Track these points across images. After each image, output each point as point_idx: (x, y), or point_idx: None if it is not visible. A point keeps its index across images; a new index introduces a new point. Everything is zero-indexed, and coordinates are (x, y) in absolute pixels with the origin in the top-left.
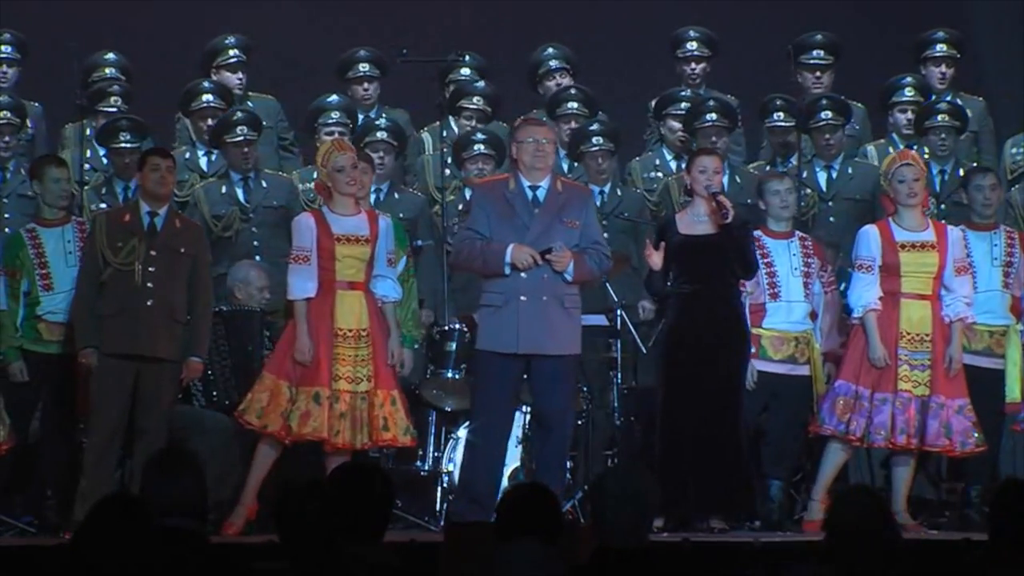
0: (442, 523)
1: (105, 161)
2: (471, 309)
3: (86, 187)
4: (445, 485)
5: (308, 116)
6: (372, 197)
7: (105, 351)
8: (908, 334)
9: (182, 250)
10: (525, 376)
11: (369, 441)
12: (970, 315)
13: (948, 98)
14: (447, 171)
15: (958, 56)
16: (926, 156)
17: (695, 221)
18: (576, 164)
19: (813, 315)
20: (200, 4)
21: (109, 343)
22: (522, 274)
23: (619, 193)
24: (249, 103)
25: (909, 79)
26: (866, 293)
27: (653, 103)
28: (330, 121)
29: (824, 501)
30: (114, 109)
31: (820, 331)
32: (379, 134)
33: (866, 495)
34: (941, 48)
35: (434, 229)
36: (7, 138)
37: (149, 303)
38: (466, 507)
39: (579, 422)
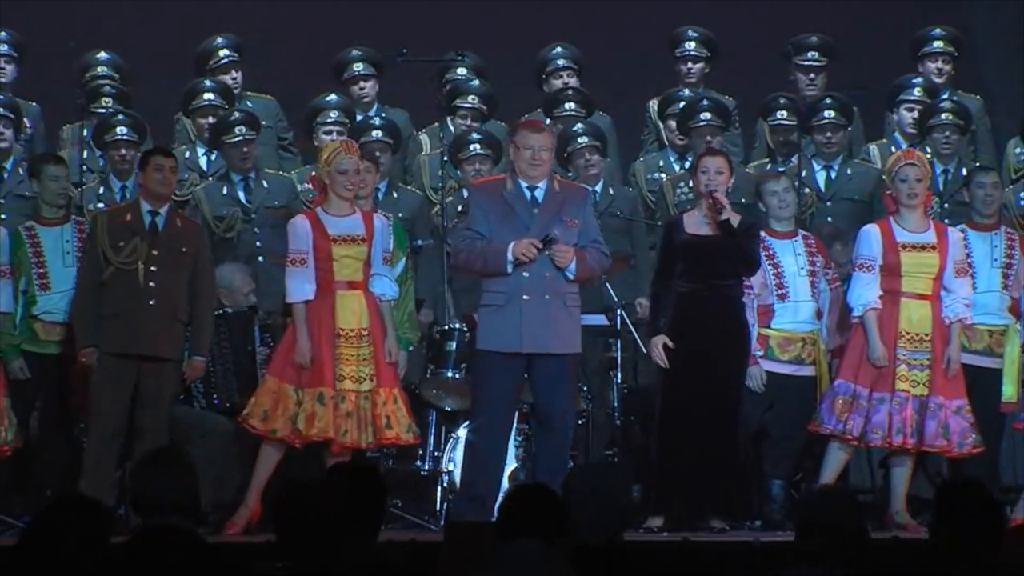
0: (442, 523)
1: (101, 162)
2: (475, 309)
3: (83, 187)
4: (445, 485)
5: (307, 115)
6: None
7: (106, 350)
8: (908, 334)
9: (183, 249)
10: (526, 375)
11: (374, 440)
12: (969, 316)
13: (948, 96)
14: (441, 172)
15: (956, 54)
16: (929, 155)
17: (701, 222)
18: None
19: (819, 314)
20: (199, 3)
21: (110, 343)
22: (524, 273)
23: (611, 192)
24: (248, 103)
25: (919, 79)
26: (866, 292)
27: (654, 104)
28: (328, 120)
29: None
30: (104, 110)
31: (826, 329)
32: (374, 133)
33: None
34: (939, 45)
35: (433, 229)
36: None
37: (151, 302)
38: (467, 506)
39: (579, 422)
